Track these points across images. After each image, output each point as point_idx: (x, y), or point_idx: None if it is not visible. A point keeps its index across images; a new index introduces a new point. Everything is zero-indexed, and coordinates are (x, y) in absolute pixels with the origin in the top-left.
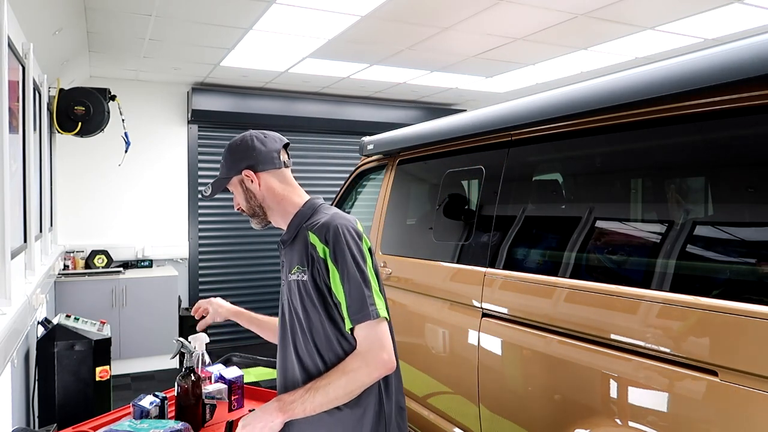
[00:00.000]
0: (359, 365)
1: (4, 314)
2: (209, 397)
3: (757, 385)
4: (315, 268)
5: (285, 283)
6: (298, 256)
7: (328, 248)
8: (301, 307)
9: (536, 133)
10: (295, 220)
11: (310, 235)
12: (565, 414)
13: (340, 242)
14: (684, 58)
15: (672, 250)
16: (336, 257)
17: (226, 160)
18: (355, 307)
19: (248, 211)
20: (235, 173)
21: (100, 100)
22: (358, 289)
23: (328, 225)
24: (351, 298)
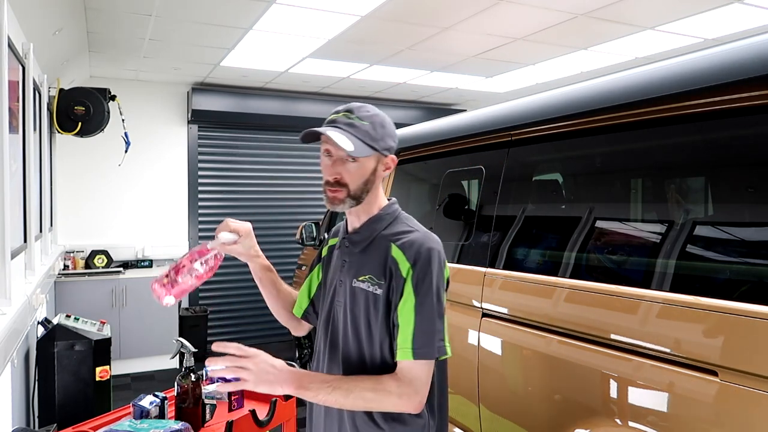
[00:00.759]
0: (392, 391)
1: (4, 314)
2: (209, 397)
3: (757, 385)
4: (392, 286)
5: (344, 284)
6: (372, 265)
7: (414, 270)
8: (364, 318)
9: (536, 133)
10: (373, 222)
11: (394, 248)
12: (565, 414)
13: (428, 268)
14: (684, 58)
15: (672, 250)
16: (417, 283)
17: (378, 130)
18: (422, 340)
19: (354, 192)
20: (380, 151)
21: (100, 100)
22: (431, 322)
23: (419, 245)
24: (420, 331)
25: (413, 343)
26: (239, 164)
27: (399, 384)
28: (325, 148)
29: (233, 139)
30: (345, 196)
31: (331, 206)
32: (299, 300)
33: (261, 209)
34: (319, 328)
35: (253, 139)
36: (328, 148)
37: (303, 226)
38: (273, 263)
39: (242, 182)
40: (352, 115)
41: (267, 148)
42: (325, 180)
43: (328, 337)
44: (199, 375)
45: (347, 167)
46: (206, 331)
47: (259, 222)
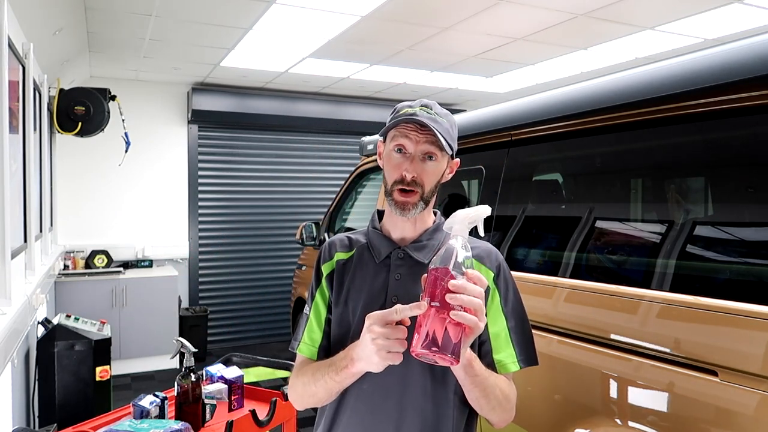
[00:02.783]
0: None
1: (4, 314)
2: (209, 397)
3: (757, 385)
4: None
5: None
6: None
7: (496, 276)
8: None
9: (536, 133)
10: (436, 232)
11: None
12: (565, 414)
13: (506, 272)
14: (684, 58)
15: (672, 250)
16: (500, 287)
17: (454, 131)
18: (528, 348)
19: (427, 194)
20: (450, 153)
21: (100, 100)
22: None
23: (488, 250)
24: (521, 338)
25: (518, 353)
26: (239, 164)
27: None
28: (399, 143)
29: (233, 139)
30: (418, 199)
31: (401, 211)
32: (310, 338)
33: (261, 209)
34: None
35: (253, 139)
36: (402, 144)
37: (303, 226)
38: (273, 263)
39: (242, 182)
40: (431, 110)
41: (267, 148)
42: (397, 179)
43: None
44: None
45: (426, 166)
46: (206, 331)
47: (259, 222)
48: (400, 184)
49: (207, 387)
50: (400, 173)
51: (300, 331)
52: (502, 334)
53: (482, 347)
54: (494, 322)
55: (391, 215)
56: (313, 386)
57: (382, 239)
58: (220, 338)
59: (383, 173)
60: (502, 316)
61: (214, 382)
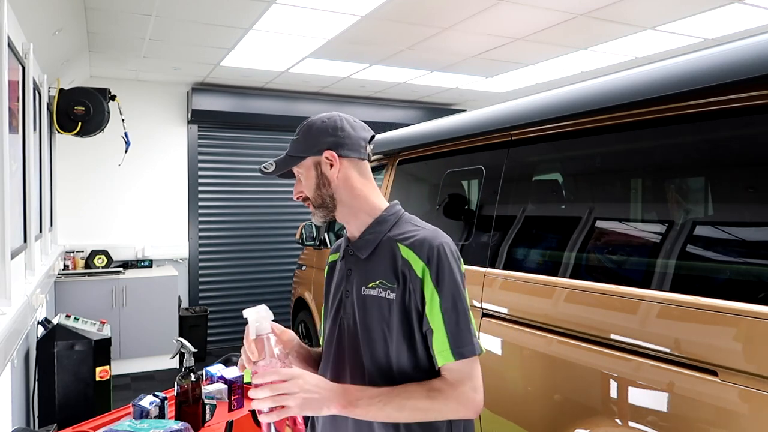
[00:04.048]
0: (450, 396)
1: (4, 314)
2: (209, 397)
3: (757, 385)
4: (407, 288)
5: (351, 294)
6: (382, 270)
7: (430, 268)
8: (378, 329)
9: (536, 133)
10: (376, 226)
11: (403, 248)
12: (565, 414)
13: (446, 264)
14: (684, 58)
15: (672, 250)
16: (439, 280)
17: (305, 136)
18: (458, 339)
19: (315, 201)
20: (314, 153)
21: (100, 100)
22: (464, 318)
23: (429, 241)
24: (455, 328)
25: (451, 344)
26: (239, 164)
27: (453, 387)
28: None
29: (233, 139)
30: (314, 207)
31: (313, 219)
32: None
33: (261, 209)
34: (323, 346)
35: (253, 139)
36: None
37: (303, 226)
38: (273, 263)
39: (242, 182)
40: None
41: (267, 148)
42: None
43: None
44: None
45: (299, 186)
46: (206, 331)
47: (259, 222)
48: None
49: (207, 387)
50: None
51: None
52: (437, 325)
53: (426, 338)
54: (431, 314)
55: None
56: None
57: (345, 239)
58: (220, 338)
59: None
60: (438, 307)
61: (214, 382)
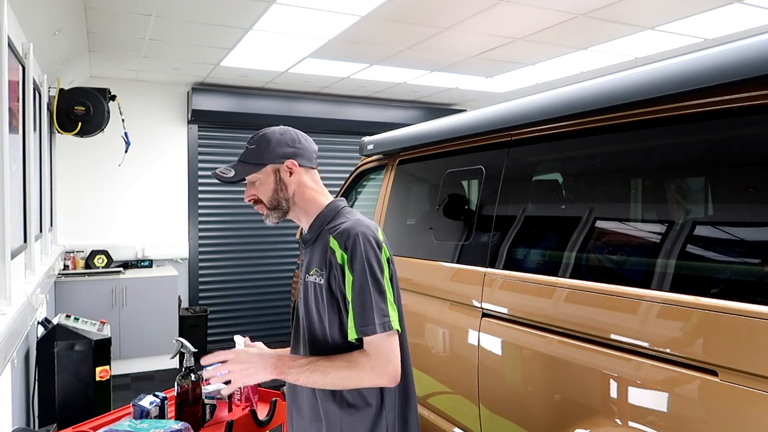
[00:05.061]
0: (365, 366)
1: (4, 314)
2: (209, 397)
3: (757, 385)
4: (332, 274)
5: (302, 282)
6: (317, 259)
7: (347, 255)
8: (315, 309)
9: (536, 133)
10: (318, 220)
11: (331, 239)
12: (565, 414)
13: (358, 250)
14: (684, 58)
15: (672, 250)
16: (353, 265)
17: (263, 146)
18: (363, 318)
19: (270, 204)
20: (275, 161)
21: (100, 100)
22: (369, 299)
23: (348, 231)
24: (361, 308)
25: (355, 322)
26: None
27: (369, 358)
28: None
29: (233, 139)
30: (267, 209)
31: (266, 220)
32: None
33: None
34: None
35: None
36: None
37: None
38: (273, 263)
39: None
40: (248, 145)
41: None
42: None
43: (293, 330)
44: (199, 375)
45: (255, 186)
46: (206, 331)
47: (259, 222)
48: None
49: (207, 387)
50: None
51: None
52: (350, 307)
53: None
54: (348, 296)
55: None
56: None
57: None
58: (220, 338)
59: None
60: (350, 291)
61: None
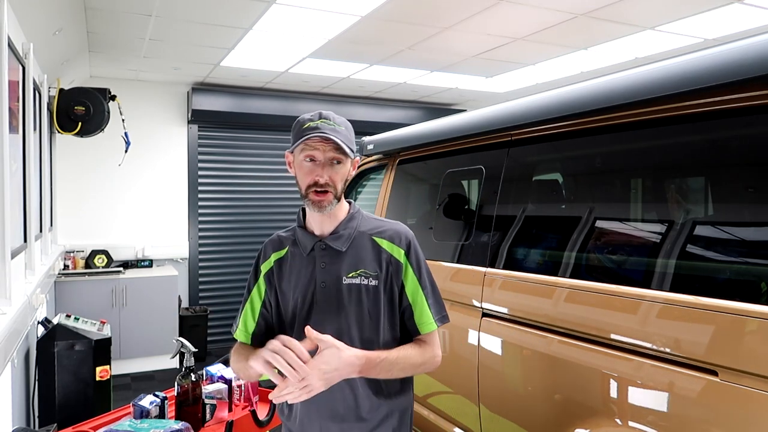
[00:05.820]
0: (430, 358)
1: (4, 314)
2: (209, 397)
3: (757, 385)
4: (389, 274)
5: (329, 285)
6: (362, 261)
7: (407, 253)
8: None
9: (536, 133)
10: (349, 222)
11: (380, 240)
12: (565, 414)
13: (418, 249)
14: (684, 58)
15: (672, 250)
16: (416, 265)
17: (351, 133)
18: (438, 310)
19: (338, 193)
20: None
21: (100, 100)
22: (438, 293)
23: (399, 232)
24: (435, 301)
25: (433, 313)
26: (239, 164)
27: (432, 348)
28: (308, 153)
29: (233, 139)
30: (332, 198)
31: (318, 209)
32: (244, 326)
33: (261, 209)
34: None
35: (253, 139)
36: (312, 154)
37: None
38: None
39: (242, 182)
40: (331, 122)
41: (267, 148)
42: (311, 183)
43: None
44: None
45: (335, 169)
46: (206, 330)
47: (259, 222)
48: (314, 187)
49: (207, 387)
50: (312, 178)
51: (238, 318)
52: (419, 300)
53: (404, 314)
54: (411, 291)
55: (311, 213)
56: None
57: (306, 235)
58: (220, 338)
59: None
60: (418, 286)
61: (214, 382)
